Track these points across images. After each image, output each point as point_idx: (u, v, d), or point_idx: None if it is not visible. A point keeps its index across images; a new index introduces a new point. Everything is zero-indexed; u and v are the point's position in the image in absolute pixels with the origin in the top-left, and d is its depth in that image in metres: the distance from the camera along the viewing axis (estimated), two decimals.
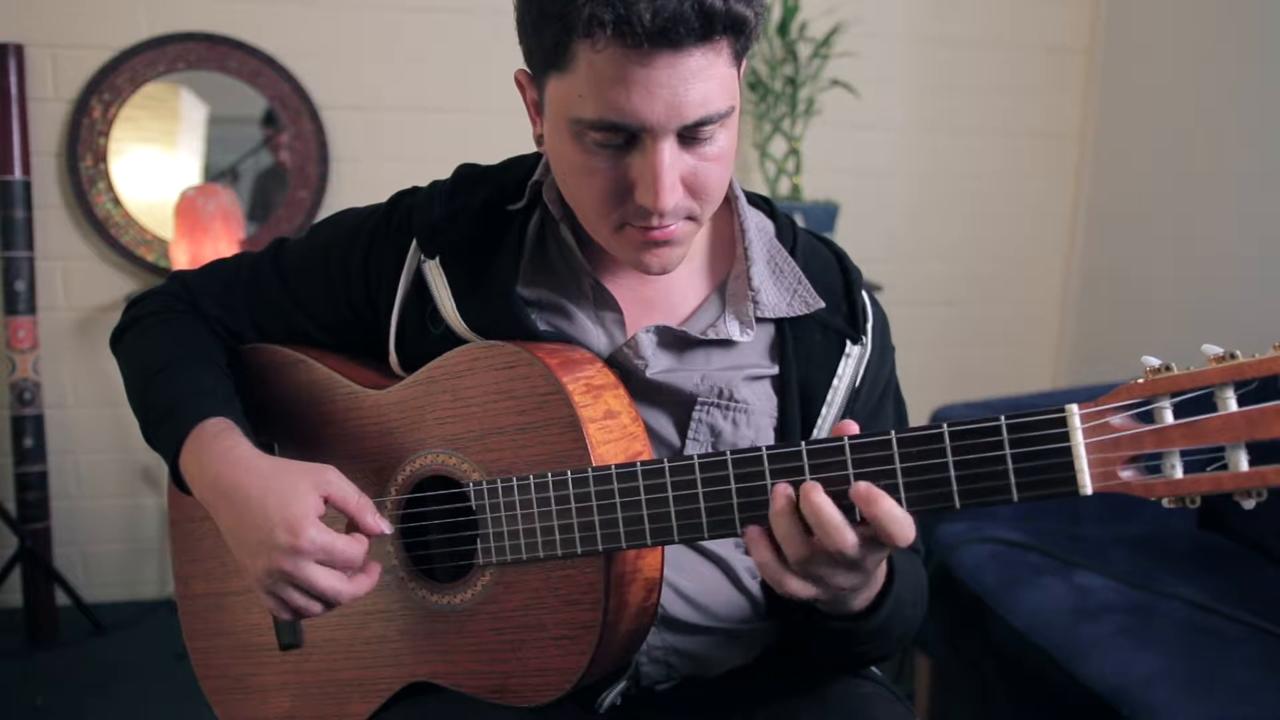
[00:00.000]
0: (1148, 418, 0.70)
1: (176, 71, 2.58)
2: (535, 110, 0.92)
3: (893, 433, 0.77)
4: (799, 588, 0.80)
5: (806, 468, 0.79)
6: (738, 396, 0.97)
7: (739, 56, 0.84)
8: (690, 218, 0.88)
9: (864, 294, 1.03)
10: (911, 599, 0.97)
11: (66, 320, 2.62)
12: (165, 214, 2.55)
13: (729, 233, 1.02)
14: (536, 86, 0.88)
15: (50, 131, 2.54)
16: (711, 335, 0.96)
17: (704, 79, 0.80)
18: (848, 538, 0.76)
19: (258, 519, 0.87)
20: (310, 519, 0.86)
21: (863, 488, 0.76)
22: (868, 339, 1.01)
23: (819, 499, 0.76)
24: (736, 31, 0.81)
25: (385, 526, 0.92)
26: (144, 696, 2.26)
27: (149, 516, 2.74)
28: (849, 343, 0.99)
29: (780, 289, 0.98)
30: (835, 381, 0.99)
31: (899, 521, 0.75)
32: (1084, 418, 0.71)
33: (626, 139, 0.82)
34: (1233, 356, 0.67)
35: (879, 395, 1.03)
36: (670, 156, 0.82)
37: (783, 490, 0.78)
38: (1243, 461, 0.67)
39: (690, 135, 0.83)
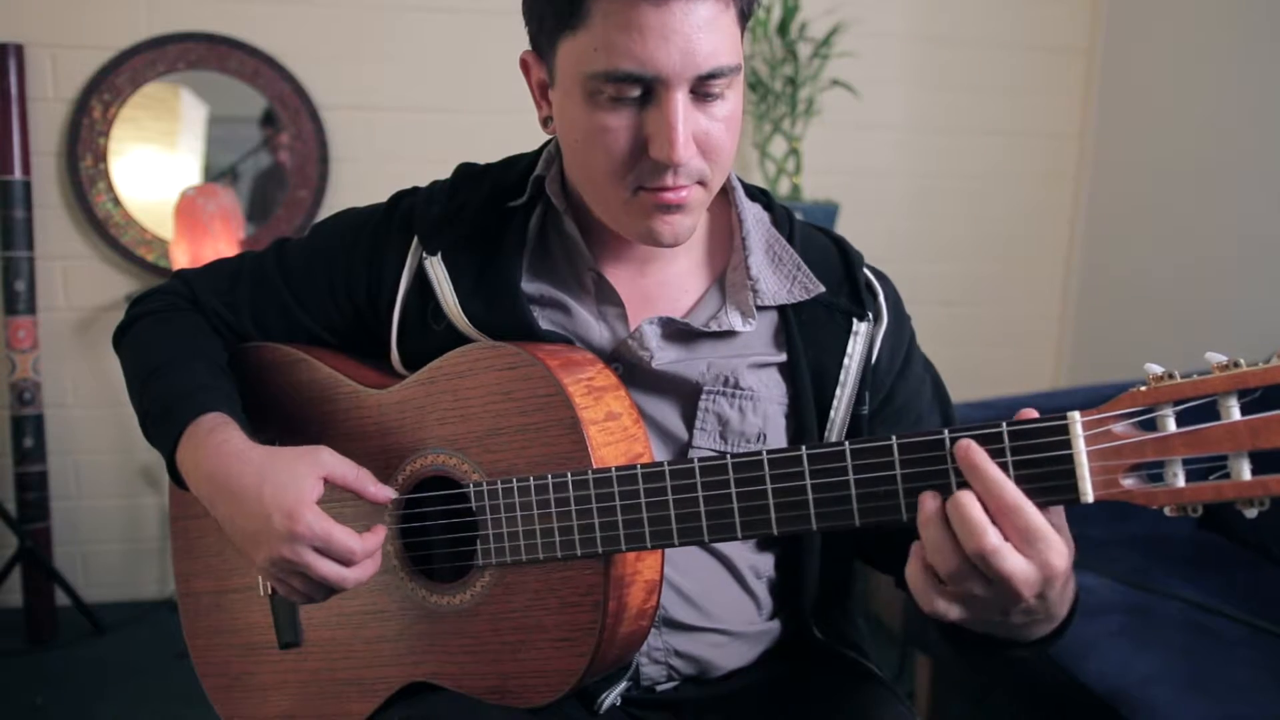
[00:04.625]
0: (1150, 425, 0.69)
1: (176, 71, 2.57)
2: (541, 92, 0.93)
3: (894, 438, 0.77)
4: (944, 608, 0.76)
5: (807, 472, 0.79)
6: (743, 384, 0.97)
7: (743, 19, 0.87)
8: (701, 182, 0.89)
9: (866, 271, 1.03)
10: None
11: (66, 320, 2.62)
12: (165, 214, 2.55)
13: (726, 224, 1.02)
14: (545, 61, 0.89)
15: (50, 131, 2.54)
16: (714, 328, 0.96)
17: (715, 29, 0.82)
18: (989, 539, 0.71)
19: (254, 508, 0.88)
20: (307, 504, 0.87)
21: (963, 444, 0.73)
22: (884, 313, 1.01)
23: (965, 498, 0.72)
24: None
25: (388, 493, 0.92)
26: (144, 696, 2.26)
27: (149, 516, 2.74)
28: (855, 320, 1.00)
29: (779, 276, 0.99)
30: (846, 361, 0.99)
31: (1040, 535, 0.71)
32: (1086, 425, 0.70)
33: (641, 93, 0.84)
34: (1236, 365, 0.67)
35: (902, 361, 1.03)
36: (684, 109, 0.83)
37: (929, 497, 0.74)
38: (1245, 470, 0.67)
39: (701, 90, 0.84)
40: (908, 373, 1.04)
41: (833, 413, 0.99)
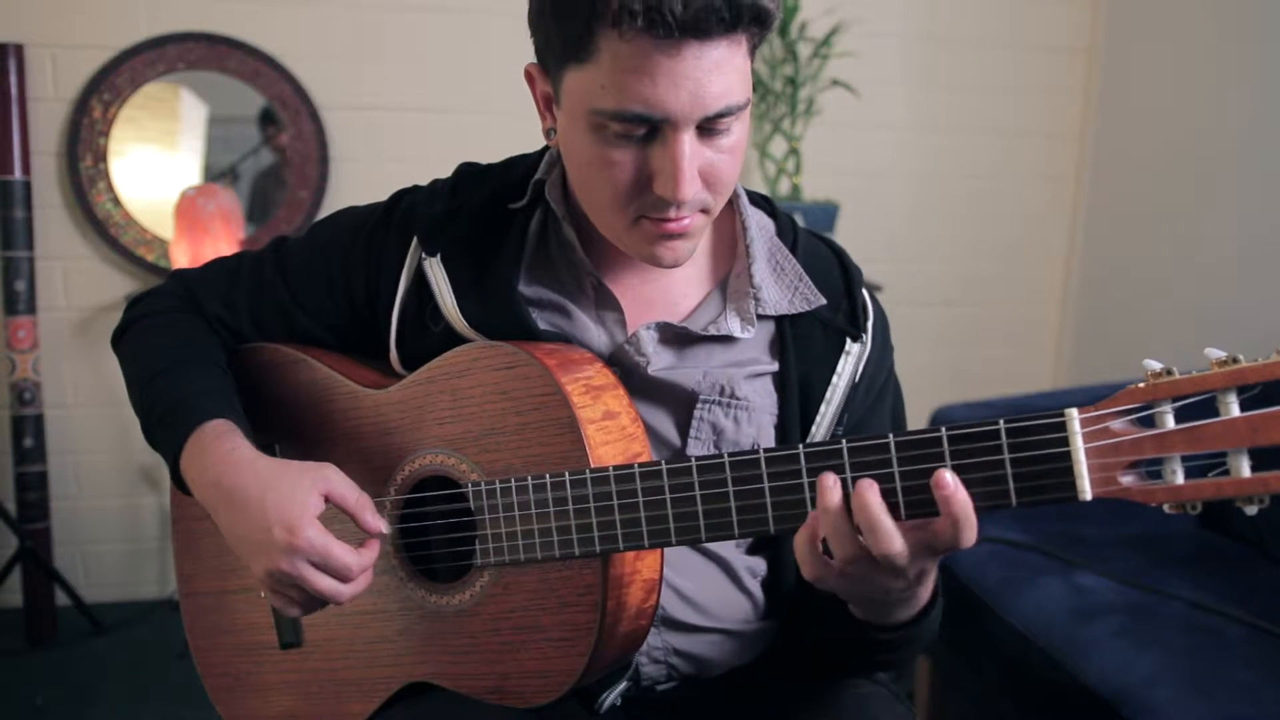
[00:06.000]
0: (1149, 422, 0.69)
1: (176, 71, 2.57)
2: (546, 105, 0.92)
3: (890, 436, 0.77)
4: (836, 584, 0.79)
5: (804, 470, 0.79)
6: (739, 394, 0.97)
7: (754, 50, 0.86)
8: (704, 210, 0.89)
9: (864, 292, 1.03)
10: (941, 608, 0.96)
11: (66, 320, 2.62)
12: (165, 214, 2.55)
13: (730, 231, 1.02)
14: (551, 79, 0.88)
15: (50, 131, 2.54)
16: (713, 332, 0.96)
17: (725, 71, 0.81)
18: (896, 544, 0.75)
19: (257, 519, 0.88)
20: (308, 519, 0.87)
21: (947, 476, 0.73)
22: (868, 337, 1.01)
23: (873, 501, 0.75)
24: (759, 24, 0.82)
25: (383, 526, 0.92)
26: (144, 696, 2.26)
27: (149, 516, 2.74)
28: (849, 340, 0.99)
29: (781, 286, 0.99)
30: (834, 379, 0.99)
31: (969, 522, 0.74)
32: (1084, 422, 0.70)
33: (647, 130, 0.83)
34: (1235, 361, 0.67)
35: (878, 392, 1.03)
36: (691, 147, 0.83)
37: (832, 483, 0.77)
38: (1245, 467, 0.67)
39: (708, 127, 0.84)
40: (880, 406, 1.04)
41: (814, 428, 0.99)
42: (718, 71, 0.80)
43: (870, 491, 0.75)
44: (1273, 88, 2.38)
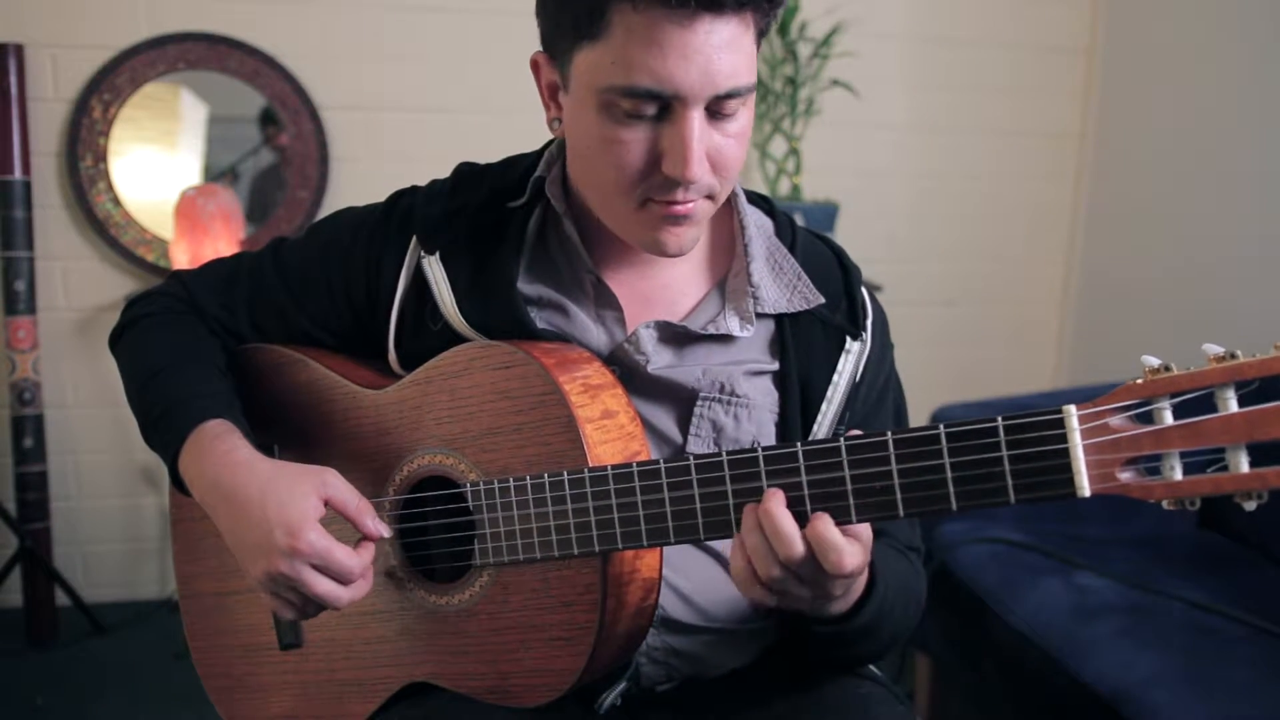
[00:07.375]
0: (1147, 418, 0.69)
1: (176, 71, 2.57)
2: (551, 94, 0.92)
3: (889, 434, 0.77)
4: (760, 595, 0.82)
5: (803, 468, 0.79)
6: (739, 391, 0.97)
7: (760, 37, 0.86)
8: (709, 196, 0.89)
9: (863, 291, 1.03)
10: (902, 600, 0.97)
11: (66, 320, 2.62)
12: (165, 214, 2.55)
13: (728, 230, 1.02)
14: (558, 65, 0.88)
15: (50, 131, 2.54)
16: (712, 330, 0.96)
17: (735, 50, 0.82)
18: (796, 549, 0.78)
19: (257, 521, 0.88)
20: (309, 522, 0.87)
21: (769, 504, 0.79)
22: (867, 335, 1.01)
23: (774, 509, 0.78)
24: (770, 1, 0.83)
25: (384, 530, 0.92)
26: (144, 696, 2.26)
27: (149, 516, 2.74)
28: (849, 339, 1.00)
29: (780, 285, 0.99)
30: (835, 378, 0.99)
31: (833, 547, 0.77)
32: (1082, 419, 0.70)
33: (657, 109, 0.83)
34: (1233, 356, 0.66)
35: (879, 391, 1.03)
36: (700, 127, 0.83)
37: (752, 509, 0.80)
38: (1243, 463, 0.66)
39: (717, 109, 0.84)
40: (882, 406, 1.04)
41: (816, 426, 0.99)
42: (728, 49, 0.81)
43: (773, 500, 0.79)
44: (1273, 88, 2.38)
